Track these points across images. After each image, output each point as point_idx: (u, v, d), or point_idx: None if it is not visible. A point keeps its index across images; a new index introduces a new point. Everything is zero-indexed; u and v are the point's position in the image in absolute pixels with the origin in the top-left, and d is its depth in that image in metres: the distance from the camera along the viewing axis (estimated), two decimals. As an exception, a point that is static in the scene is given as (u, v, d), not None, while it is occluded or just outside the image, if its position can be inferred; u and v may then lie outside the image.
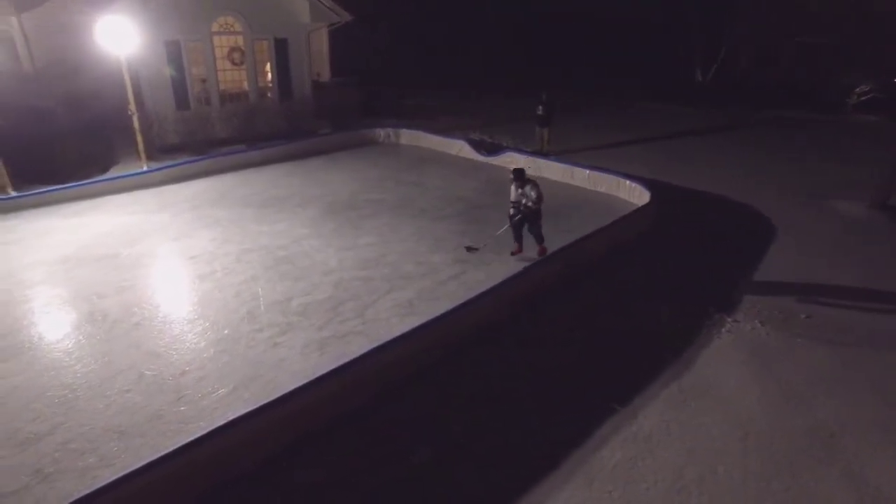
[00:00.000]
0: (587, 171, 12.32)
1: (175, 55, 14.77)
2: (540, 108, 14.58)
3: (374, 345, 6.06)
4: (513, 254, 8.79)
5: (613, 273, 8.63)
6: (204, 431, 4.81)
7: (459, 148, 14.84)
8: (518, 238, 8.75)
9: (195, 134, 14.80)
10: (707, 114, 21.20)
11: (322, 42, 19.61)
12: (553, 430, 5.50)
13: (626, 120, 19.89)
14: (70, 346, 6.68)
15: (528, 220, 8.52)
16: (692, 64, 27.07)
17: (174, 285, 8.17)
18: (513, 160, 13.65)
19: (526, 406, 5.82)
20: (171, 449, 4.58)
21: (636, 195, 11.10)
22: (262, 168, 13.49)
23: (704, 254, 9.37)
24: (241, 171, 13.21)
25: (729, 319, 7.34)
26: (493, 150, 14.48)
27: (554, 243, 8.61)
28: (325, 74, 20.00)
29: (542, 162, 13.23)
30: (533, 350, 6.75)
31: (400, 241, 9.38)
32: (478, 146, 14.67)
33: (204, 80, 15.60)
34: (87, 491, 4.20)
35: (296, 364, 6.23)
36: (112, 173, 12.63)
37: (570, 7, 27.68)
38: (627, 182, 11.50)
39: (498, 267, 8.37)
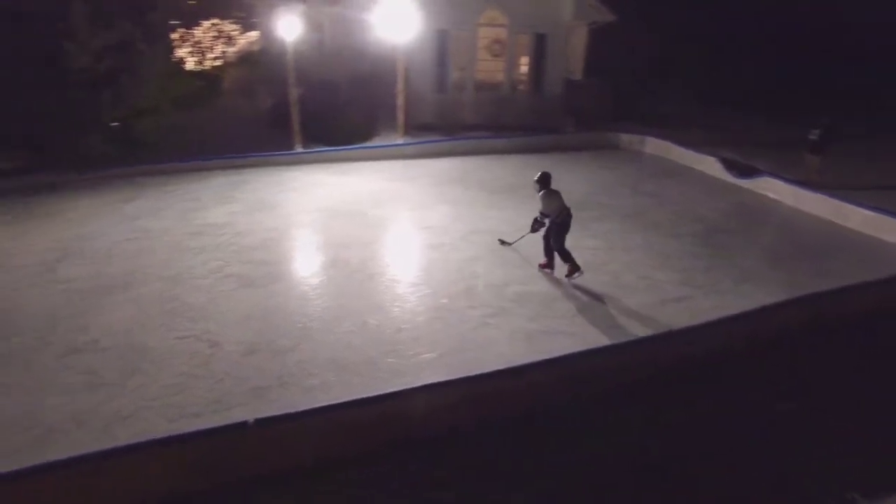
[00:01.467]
0: (866, 212, 10.32)
1: (442, 43, 16.02)
2: (815, 132, 12.58)
3: (582, 348, 5.92)
4: (540, 266, 8.14)
5: (876, 335, 7.14)
6: (406, 387, 5.23)
7: (708, 165, 13.61)
8: (548, 252, 7.98)
9: (447, 117, 15.93)
10: None
11: (580, 40, 19.50)
12: (768, 500, 4.77)
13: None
14: (316, 283, 7.77)
15: (549, 231, 7.80)
16: None
17: (406, 249, 8.94)
18: (769, 186, 12.10)
19: (732, 460, 5.14)
20: (375, 393, 5.09)
21: (932, 251, 9.02)
22: (502, 156, 14.00)
23: None
24: (482, 156, 13.88)
25: None
26: (748, 172, 12.97)
27: (806, 287, 7.44)
28: (578, 73, 19.89)
29: (806, 194, 11.45)
30: (757, 397, 5.93)
31: (625, 251, 8.96)
32: (730, 166, 13.28)
33: (463, 69, 16.67)
34: (305, 407, 4.93)
35: (502, 347, 6.35)
36: (373, 143, 14.28)
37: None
38: (922, 233, 9.40)
39: (733, 299, 7.50)
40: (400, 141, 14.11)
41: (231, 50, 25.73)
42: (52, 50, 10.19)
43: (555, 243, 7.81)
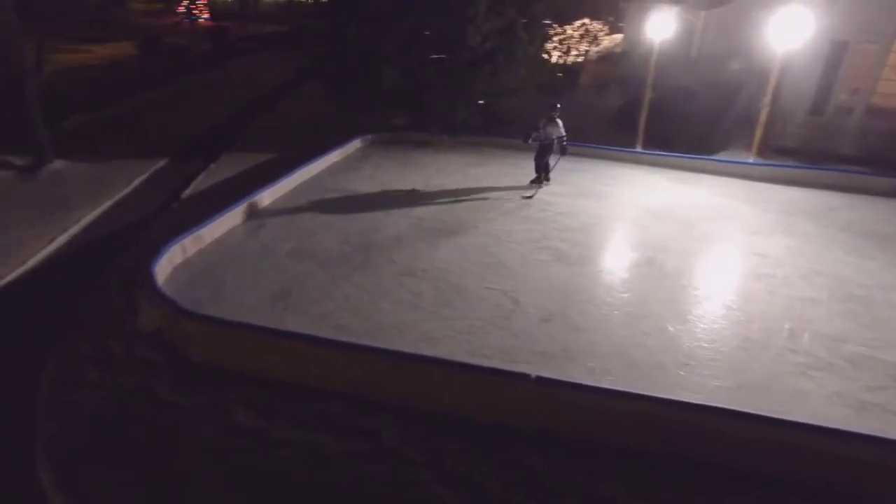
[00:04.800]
0: None
1: (835, 56, 13.69)
2: None
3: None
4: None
5: None
6: (682, 399, 4.95)
7: None
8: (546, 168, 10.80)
9: (816, 143, 13.71)
10: None
11: None
12: None
13: None
14: (625, 277, 7.72)
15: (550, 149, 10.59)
16: None
17: (728, 270, 8.15)
18: None
19: None
20: (643, 392, 5.02)
21: None
22: (882, 199, 11.27)
23: None
24: (854, 194, 11.45)
25: None
26: None
27: None
28: None
29: None
30: None
31: None
32: None
33: (855, 90, 14.03)
34: (582, 382, 5.22)
35: (816, 405, 5.38)
36: (719, 157, 13.23)
37: None
38: None
39: None
40: (751, 160, 12.75)
41: (594, 49, 26.77)
42: (454, 32, 12.12)
43: (546, 159, 10.63)
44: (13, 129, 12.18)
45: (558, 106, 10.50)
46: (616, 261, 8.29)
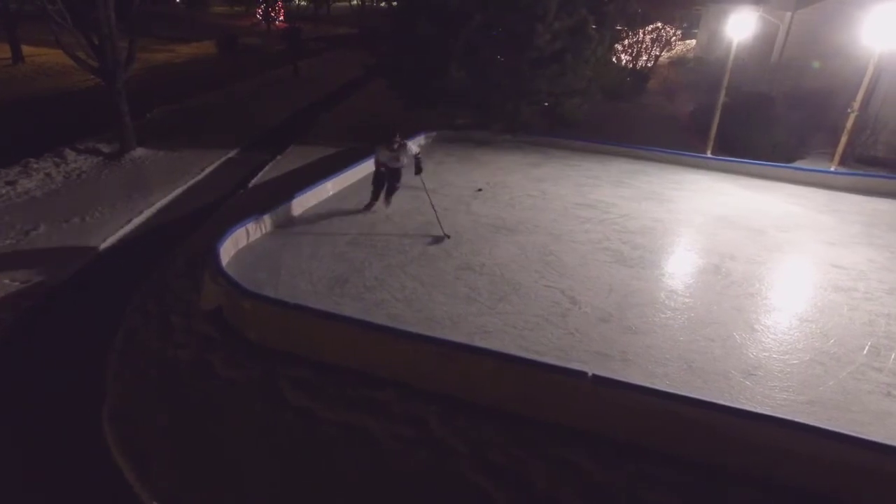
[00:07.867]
0: None
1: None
2: None
3: None
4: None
5: None
6: (739, 407, 4.72)
7: None
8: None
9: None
10: None
11: None
12: None
13: None
14: (688, 282, 7.37)
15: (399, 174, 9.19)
16: None
17: (803, 281, 7.65)
18: None
19: None
20: (702, 397, 4.77)
21: None
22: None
23: None
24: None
25: None
26: None
27: None
28: None
29: None
30: None
31: None
32: None
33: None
34: (638, 383, 4.94)
35: (900, 426, 4.96)
36: (796, 164, 12.52)
37: None
38: None
39: None
40: (831, 168, 12.00)
41: (666, 54, 25.99)
42: (523, 30, 11.97)
43: (398, 183, 9.27)
44: (104, 118, 12.97)
45: (397, 135, 8.95)
46: (679, 265, 7.94)
